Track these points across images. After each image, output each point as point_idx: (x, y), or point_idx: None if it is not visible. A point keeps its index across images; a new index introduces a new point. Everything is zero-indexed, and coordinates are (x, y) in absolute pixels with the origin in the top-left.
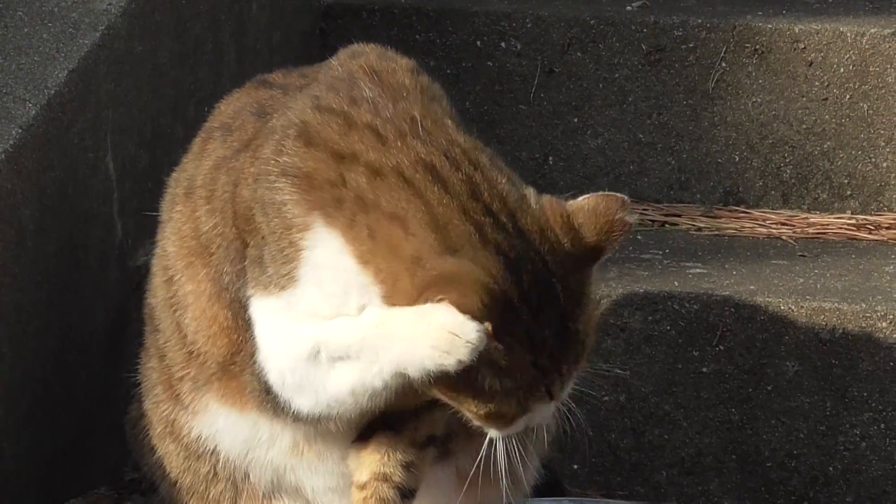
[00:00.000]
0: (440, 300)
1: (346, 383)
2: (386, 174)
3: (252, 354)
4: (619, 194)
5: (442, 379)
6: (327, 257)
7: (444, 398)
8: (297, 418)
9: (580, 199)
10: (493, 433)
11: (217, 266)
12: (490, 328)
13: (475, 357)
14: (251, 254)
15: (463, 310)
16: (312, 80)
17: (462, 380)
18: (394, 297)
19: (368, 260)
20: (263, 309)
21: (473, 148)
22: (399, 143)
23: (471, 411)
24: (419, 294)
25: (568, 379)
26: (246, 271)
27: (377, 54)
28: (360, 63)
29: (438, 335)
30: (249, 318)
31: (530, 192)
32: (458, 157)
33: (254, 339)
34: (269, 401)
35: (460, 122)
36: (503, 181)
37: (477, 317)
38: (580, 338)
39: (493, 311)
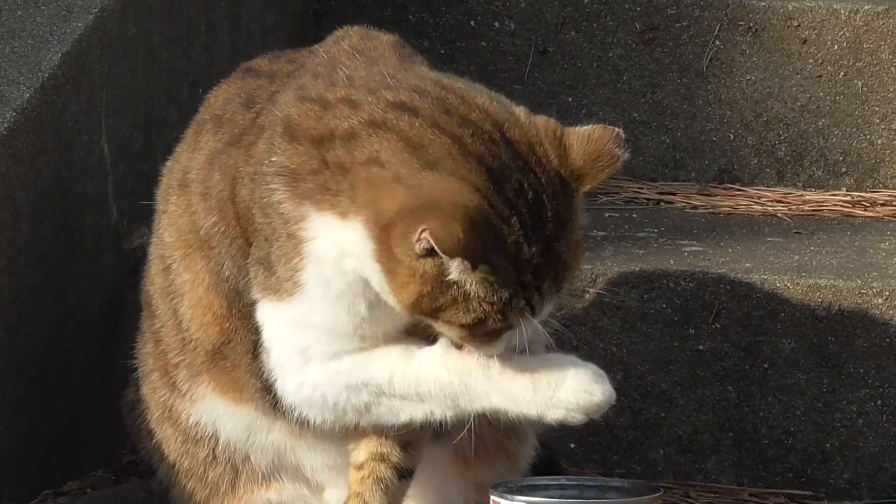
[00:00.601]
0: (422, 231)
1: (398, 418)
2: (358, 133)
3: (247, 350)
4: (616, 128)
5: (425, 307)
6: (325, 239)
7: (427, 320)
8: (300, 424)
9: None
10: (478, 350)
11: (217, 259)
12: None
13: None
14: (253, 253)
15: (442, 241)
16: (300, 66)
17: (447, 302)
18: (377, 228)
19: (357, 210)
20: (275, 317)
21: (446, 77)
22: (370, 99)
23: (454, 329)
24: (398, 218)
25: (548, 298)
26: (248, 270)
27: (360, 35)
28: (343, 46)
29: (572, 401)
30: (246, 309)
31: (521, 110)
32: (428, 87)
33: (262, 341)
34: (269, 399)
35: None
36: (482, 97)
37: (456, 247)
38: (563, 259)
39: (475, 234)
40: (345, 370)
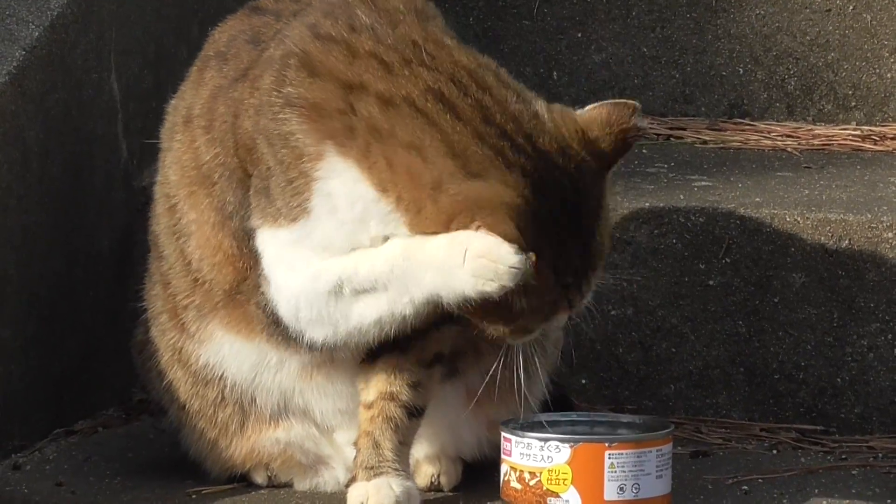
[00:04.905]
0: (477, 227)
1: (371, 314)
2: (398, 104)
3: (258, 284)
4: (628, 101)
5: (472, 302)
6: (342, 186)
7: (469, 317)
8: (311, 348)
9: (588, 107)
10: (512, 342)
11: (220, 195)
12: (535, 257)
13: (518, 281)
14: (254, 184)
15: (500, 234)
16: (306, 6)
17: (492, 302)
18: (419, 225)
19: (388, 188)
20: (273, 241)
21: (478, 67)
22: (406, 72)
23: (496, 328)
24: (449, 219)
25: (588, 291)
26: (250, 201)
27: None
28: None
29: (478, 263)
30: (255, 248)
31: (541, 106)
32: (464, 80)
33: (261, 270)
34: (278, 332)
35: (458, 40)
36: (513, 100)
37: (513, 240)
38: (600, 250)
39: (525, 232)
40: (321, 274)
